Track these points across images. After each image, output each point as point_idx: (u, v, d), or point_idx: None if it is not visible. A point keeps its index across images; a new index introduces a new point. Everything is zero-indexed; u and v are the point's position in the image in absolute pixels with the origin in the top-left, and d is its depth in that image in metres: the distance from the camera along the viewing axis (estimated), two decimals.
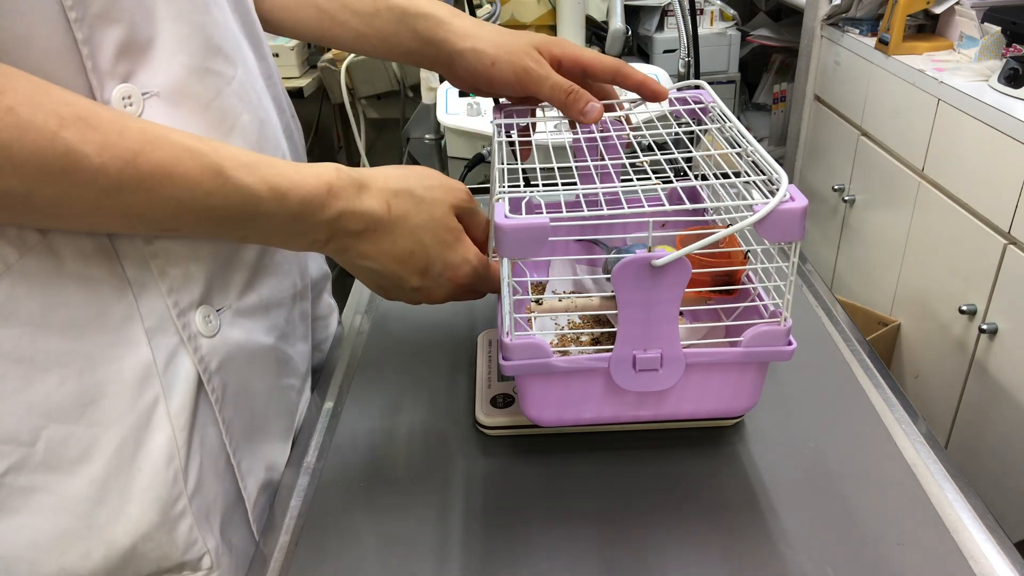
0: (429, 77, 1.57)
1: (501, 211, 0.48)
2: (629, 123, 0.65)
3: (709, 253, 0.52)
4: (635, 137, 0.62)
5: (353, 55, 1.95)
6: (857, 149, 1.94)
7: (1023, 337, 1.37)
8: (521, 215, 0.48)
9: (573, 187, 0.52)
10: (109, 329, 0.47)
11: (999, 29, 1.59)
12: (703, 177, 0.57)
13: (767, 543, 0.51)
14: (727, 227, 0.48)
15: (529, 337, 0.52)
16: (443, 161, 1.33)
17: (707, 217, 0.66)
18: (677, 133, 0.61)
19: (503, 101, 0.69)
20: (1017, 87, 1.43)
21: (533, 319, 0.64)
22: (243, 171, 0.45)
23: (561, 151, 0.59)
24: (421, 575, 0.50)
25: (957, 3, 1.76)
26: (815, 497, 0.55)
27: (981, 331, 1.44)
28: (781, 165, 0.51)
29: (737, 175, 0.52)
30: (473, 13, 1.60)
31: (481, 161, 1.17)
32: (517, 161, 0.59)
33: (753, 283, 0.58)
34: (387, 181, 0.52)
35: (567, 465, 0.58)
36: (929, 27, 1.85)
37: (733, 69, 2.34)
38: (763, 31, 2.58)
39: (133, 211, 0.43)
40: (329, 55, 2.05)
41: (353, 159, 2.43)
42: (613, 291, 0.50)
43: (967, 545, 0.51)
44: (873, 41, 1.85)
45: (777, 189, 0.48)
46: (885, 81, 1.79)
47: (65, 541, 0.47)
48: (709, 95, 0.65)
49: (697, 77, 1.50)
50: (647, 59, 2.14)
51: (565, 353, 0.53)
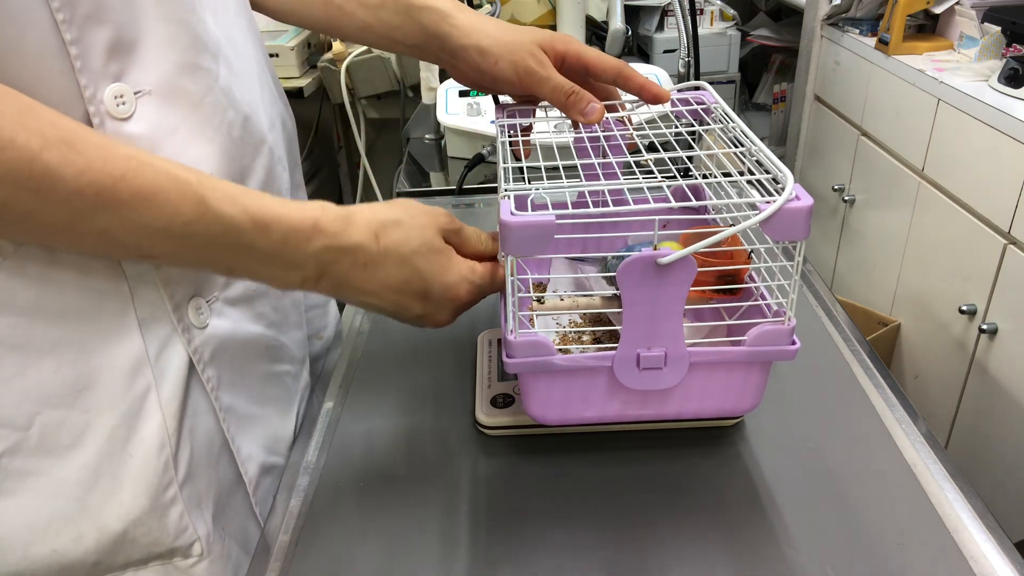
0: (429, 77, 1.57)
1: (507, 208, 0.48)
2: (630, 123, 0.65)
3: (712, 252, 0.52)
4: (638, 136, 0.62)
5: (353, 55, 1.95)
6: (857, 149, 1.94)
7: (1023, 337, 1.37)
8: (527, 212, 0.48)
9: (577, 184, 0.52)
10: (103, 319, 0.48)
11: (999, 29, 1.59)
12: (707, 176, 0.57)
13: (767, 543, 0.51)
14: (731, 226, 0.48)
15: (533, 335, 0.52)
16: (443, 161, 1.33)
17: (709, 216, 0.66)
18: (680, 133, 0.61)
19: (503, 99, 0.69)
20: (1017, 87, 1.43)
21: (535, 318, 0.64)
22: (226, 202, 0.46)
23: (564, 150, 0.59)
24: (421, 575, 0.50)
25: (957, 3, 1.76)
26: (815, 497, 0.55)
27: (981, 331, 1.44)
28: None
29: (742, 174, 0.52)
30: None
31: (481, 161, 1.17)
32: (522, 160, 0.59)
33: (756, 282, 0.57)
34: (373, 213, 0.52)
35: (567, 465, 0.58)
36: (929, 27, 1.85)
37: (733, 69, 2.34)
38: (763, 31, 2.58)
39: (108, 234, 0.43)
40: (329, 55, 2.05)
41: (353, 159, 2.43)
42: (614, 290, 0.50)
43: (967, 545, 0.51)
44: (873, 41, 1.85)
45: (782, 188, 0.48)
46: (885, 81, 1.79)
47: (58, 524, 0.49)
48: (711, 95, 0.65)
49: (697, 77, 1.50)
50: (647, 59, 2.14)
51: (567, 352, 0.53)
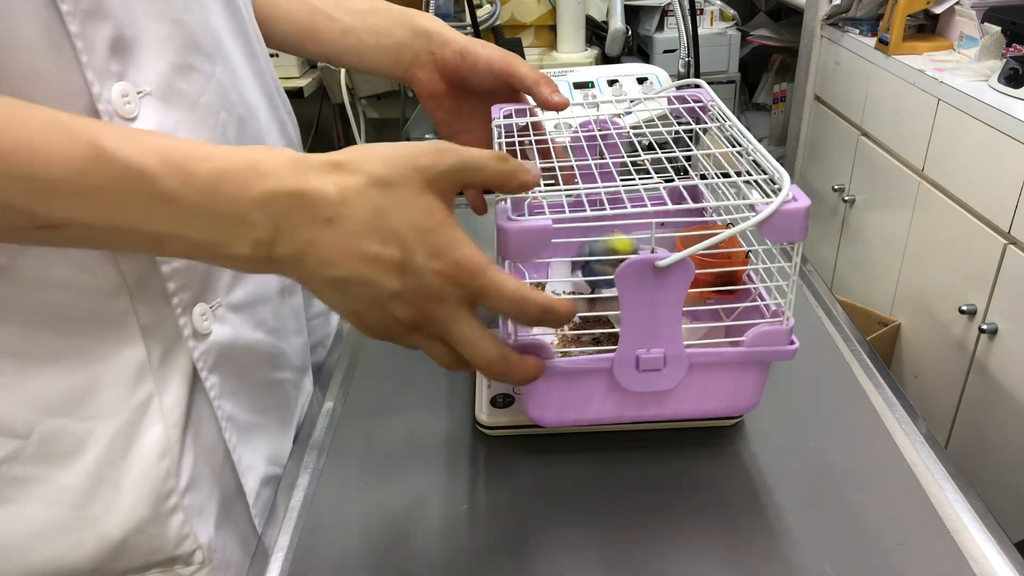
0: None
1: (504, 213, 0.48)
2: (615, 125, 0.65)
3: (710, 253, 0.52)
4: (635, 135, 0.62)
5: None
6: (857, 149, 1.94)
7: (1023, 337, 1.37)
8: (524, 216, 0.48)
9: (574, 188, 0.52)
10: (103, 326, 0.48)
11: (999, 29, 1.59)
12: (704, 176, 0.57)
13: (767, 543, 0.51)
14: (729, 227, 0.48)
15: (532, 337, 0.52)
16: None
17: (707, 217, 0.66)
18: (677, 132, 0.61)
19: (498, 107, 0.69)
20: (1017, 87, 1.43)
21: None
22: (123, 141, 0.39)
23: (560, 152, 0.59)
24: (421, 575, 0.51)
25: (957, 3, 1.76)
26: (815, 497, 0.55)
27: (981, 331, 1.44)
28: (781, 165, 0.51)
29: (739, 174, 0.52)
30: (473, 13, 1.60)
31: None
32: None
33: (754, 283, 0.58)
34: (331, 155, 0.42)
35: (567, 465, 0.58)
36: (929, 27, 1.85)
37: (733, 69, 2.34)
38: (763, 31, 2.58)
39: None
40: None
41: None
42: (612, 291, 0.50)
43: (967, 545, 0.51)
44: (873, 41, 1.85)
45: (779, 189, 0.48)
46: (885, 81, 1.79)
47: (57, 531, 0.49)
48: (708, 94, 0.65)
49: (697, 77, 1.50)
50: (647, 59, 2.14)
51: (566, 354, 0.53)
